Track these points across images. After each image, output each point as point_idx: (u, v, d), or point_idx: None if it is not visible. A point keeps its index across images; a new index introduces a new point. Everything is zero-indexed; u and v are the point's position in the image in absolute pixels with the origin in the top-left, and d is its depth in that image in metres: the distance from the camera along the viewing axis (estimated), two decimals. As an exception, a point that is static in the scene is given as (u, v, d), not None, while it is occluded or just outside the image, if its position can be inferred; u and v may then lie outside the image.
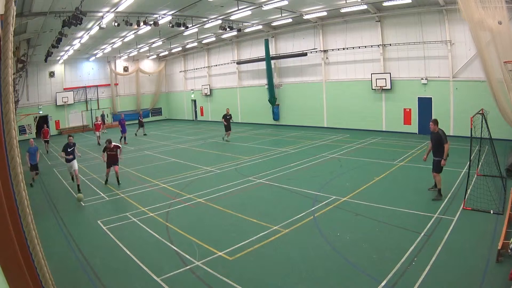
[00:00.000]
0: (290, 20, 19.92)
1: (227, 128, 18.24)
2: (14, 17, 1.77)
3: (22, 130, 25.89)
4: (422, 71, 16.94)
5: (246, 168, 12.31)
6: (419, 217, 7.08)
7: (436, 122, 8.13)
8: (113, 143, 11.17)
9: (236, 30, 20.41)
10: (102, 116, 28.19)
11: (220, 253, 5.99)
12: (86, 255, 6.24)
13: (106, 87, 31.21)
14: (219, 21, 19.00)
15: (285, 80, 23.82)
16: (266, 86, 23.84)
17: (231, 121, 18.31)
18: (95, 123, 21.35)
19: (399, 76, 17.82)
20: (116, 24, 15.72)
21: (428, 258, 5.36)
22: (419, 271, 5.02)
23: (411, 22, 16.82)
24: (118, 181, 11.10)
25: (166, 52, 32.03)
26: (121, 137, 19.80)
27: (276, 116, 24.22)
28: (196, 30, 21.27)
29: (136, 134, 23.12)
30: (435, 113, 16.53)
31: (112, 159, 11.09)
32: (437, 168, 7.97)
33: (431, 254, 5.48)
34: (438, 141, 7.91)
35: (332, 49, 20.38)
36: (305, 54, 21.41)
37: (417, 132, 17.32)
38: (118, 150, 11.16)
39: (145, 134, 23.17)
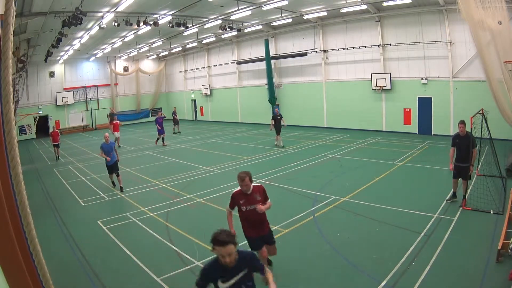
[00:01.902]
0: (290, 20, 19.91)
1: (277, 131, 15.81)
2: (14, 17, 1.77)
3: (22, 130, 25.94)
4: (422, 71, 16.93)
5: (246, 168, 12.26)
6: (419, 217, 7.07)
7: (465, 123, 7.31)
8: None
9: (236, 30, 20.40)
10: (112, 114, 27.59)
11: (220, 253, 5.98)
12: (86, 255, 6.24)
13: (106, 87, 31.19)
14: (219, 21, 18.99)
15: (285, 80, 23.82)
16: (266, 86, 23.83)
17: (281, 122, 15.63)
18: (114, 122, 19.00)
19: (399, 76, 17.81)
20: (116, 24, 15.72)
21: (428, 258, 5.35)
22: (419, 271, 5.01)
23: (411, 22, 16.81)
24: None
25: (166, 52, 32.02)
26: (158, 139, 18.65)
27: (276, 116, 24.19)
28: (196, 30, 21.26)
29: (180, 132, 23.55)
30: (435, 113, 16.57)
31: None
32: (467, 175, 7.42)
33: (431, 254, 5.47)
34: (469, 146, 7.19)
35: (332, 49, 20.37)
36: (305, 54, 21.40)
37: (417, 132, 17.32)
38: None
39: (174, 133, 23.35)
